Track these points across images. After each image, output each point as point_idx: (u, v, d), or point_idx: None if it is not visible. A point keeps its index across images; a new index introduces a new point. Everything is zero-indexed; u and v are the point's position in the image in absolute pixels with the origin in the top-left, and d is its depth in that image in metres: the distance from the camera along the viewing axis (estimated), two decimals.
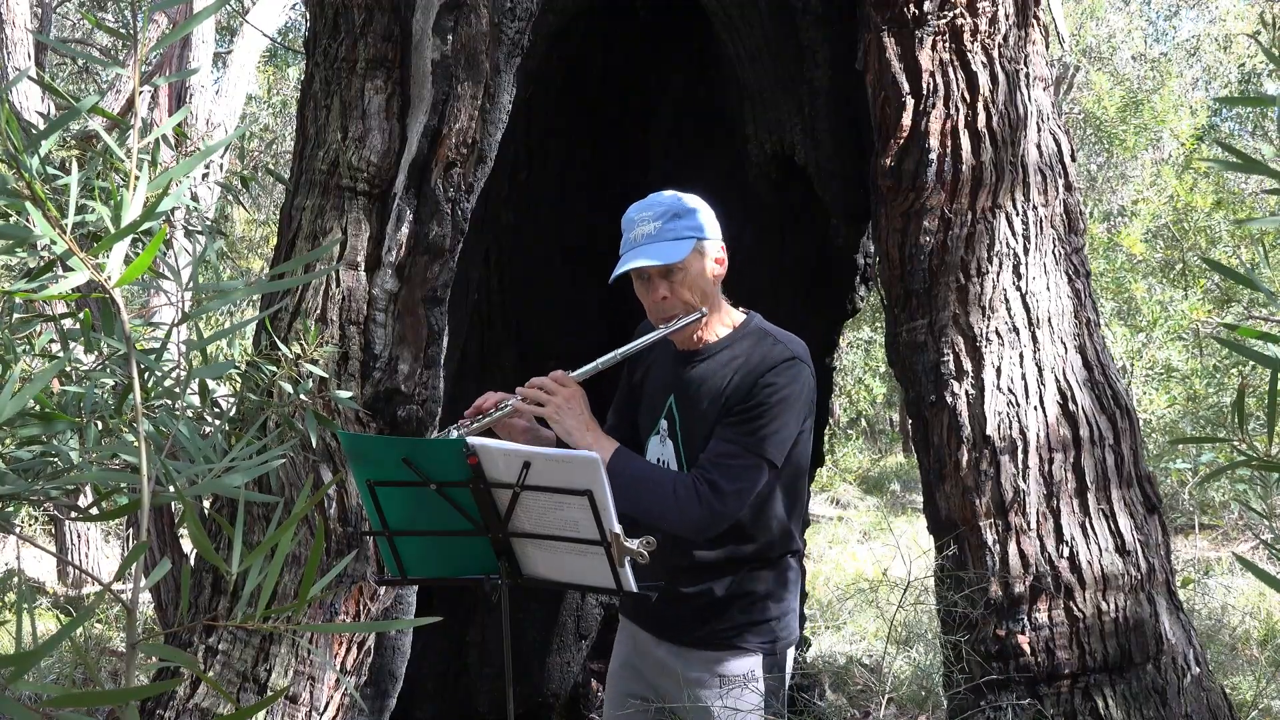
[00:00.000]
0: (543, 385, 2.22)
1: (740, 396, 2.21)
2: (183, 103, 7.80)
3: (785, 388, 2.20)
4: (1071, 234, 3.11)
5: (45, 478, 1.95)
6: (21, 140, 1.46)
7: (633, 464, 2.22)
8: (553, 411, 2.19)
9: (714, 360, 2.30)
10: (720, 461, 2.18)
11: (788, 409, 2.20)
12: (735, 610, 2.29)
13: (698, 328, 2.29)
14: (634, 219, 2.28)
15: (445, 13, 2.91)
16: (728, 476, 2.16)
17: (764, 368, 2.21)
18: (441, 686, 4.02)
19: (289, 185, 3.11)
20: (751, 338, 2.30)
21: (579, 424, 2.19)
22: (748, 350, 2.27)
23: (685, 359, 2.34)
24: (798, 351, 2.27)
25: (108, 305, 1.94)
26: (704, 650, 2.30)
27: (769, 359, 2.23)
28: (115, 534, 7.49)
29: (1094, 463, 2.90)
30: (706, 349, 2.32)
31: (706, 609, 2.30)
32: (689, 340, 2.33)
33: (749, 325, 2.34)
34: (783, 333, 2.33)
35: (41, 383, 1.26)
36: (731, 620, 2.29)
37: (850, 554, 7.72)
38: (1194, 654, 2.94)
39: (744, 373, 2.23)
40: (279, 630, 2.56)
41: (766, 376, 2.20)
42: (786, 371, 2.21)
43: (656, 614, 2.35)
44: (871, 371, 12.98)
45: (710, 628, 2.30)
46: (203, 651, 2.77)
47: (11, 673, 1.03)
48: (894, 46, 2.96)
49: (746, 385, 2.21)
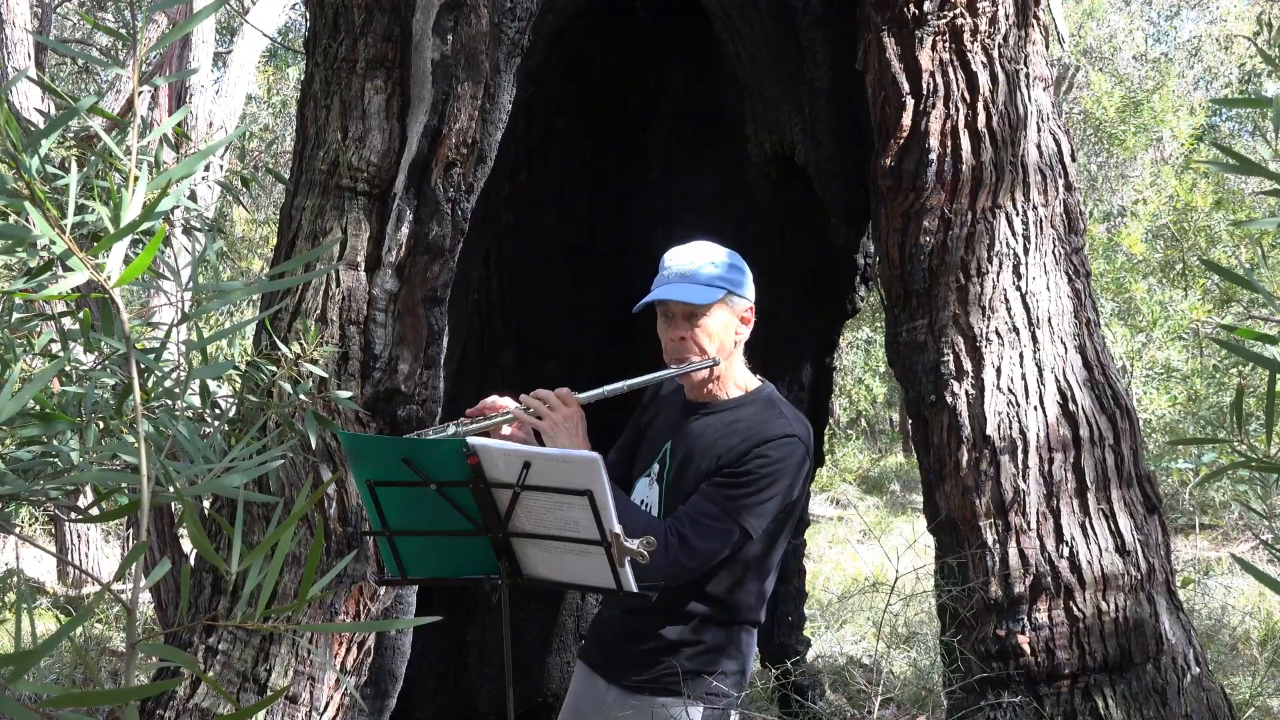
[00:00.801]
0: (545, 399, 2.21)
1: (732, 460, 2.21)
2: (183, 103, 7.80)
3: (778, 462, 2.20)
4: (1071, 234, 3.11)
5: (45, 478, 1.95)
6: (21, 140, 1.46)
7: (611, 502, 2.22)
8: (549, 426, 2.18)
9: (717, 418, 2.30)
10: (697, 518, 2.17)
11: (775, 484, 2.20)
12: (684, 657, 2.26)
13: (708, 378, 2.30)
14: (674, 255, 2.30)
15: (445, 13, 2.91)
16: (700, 534, 2.16)
17: (762, 438, 2.21)
18: (441, 686, 4.02)
19: (289, 185, 3.11)
20: (759, 405, 2.31)
21: (571, 444, 2.18)
22: (751, 416, 2.27)
23: (691, 410, 2.35)
24: (799, 430, 2.27)
25: (107, 305, 1.94)
26: (648, 696, 2.26)
27: (769, 430, 2.23)
28: (115, 534, 7.49)
29: (1094, 463, 2.90)
30: (714, 405, 2.32)
31: (657, 652, 2.27)
32: (699, 392, 2.33)
33: (760, 393, 2.35)
34: (790, 408, 2.34)
35: (41, 382, 1.26)
36: (680, 666, 2.26)
37: (850, 554, 7.72)
38: (1194, 654, 2.94)
39: (741, 437, 2.23)
40: (279, 630, 2.56)
41: (763, 447, 2.20)
42: (783, 446, 2.21)
43: (609, 655, 2.35)
44: (871, 371, 12.98)
45: (657, 670, 2.26)
46: (203, 651, 2.77)
47: (11, 672, 1.03)
48: (894, 46, 2.96)
49: (740, 450, 2.21)
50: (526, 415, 2.22)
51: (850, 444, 12.67)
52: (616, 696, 2.32)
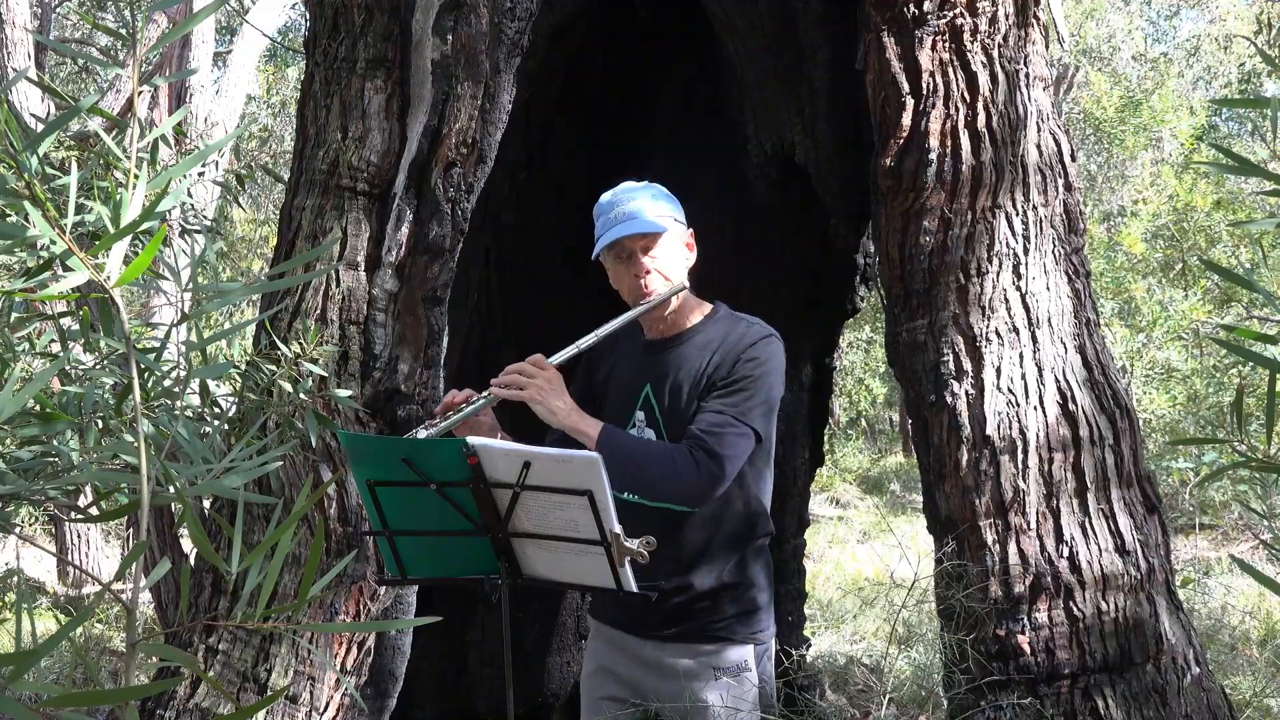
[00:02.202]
0: (521, 370, 2.24)
1: (724, 373, 2.26)
2: (182, 102, 7.80)
3: (767, 361, 2.27)
4: (1071, 234, 3.11)
5: (45, 477, 1.95)
6: (20, 140, 1.46)
7: (625, 438, 2.25)
8: (535, 394, 2.19)
9: (690, 344, 2.34)
10: (712, 430, 2.20)
11: (770, 381, 2.27)
12: (725, 601, 2.31)
13: (668, 311, 2.34)
14: (609, 202, 2.35)
15: (445, 13, 2.91)
16: (722, 443, 2.19)
17: (744, 344, 2.28)
18: (441, 686, 4.02)
19: (289, 185, 3.11)
20: (724, 322, 2.37)
21: (564, 404, 2.21)
22: (723, 333, 2.33)
23: (659, 347, 2.38)
24: (771, 330, 2.34)
25: (107, 305, 1.93)
26: (694, 643, 2.31)
27: (748, 336, 2.30)
28: (115, 534, 7.49)
29: (1094, 463, 2.90)
30: (681, 335, 2.36)
31: (693, 602, 2.31)
32: (662, 326, 2.37)
33: (718, 312, 2.41)
34: (751, 317, 2.39)
35: (41, 382, 1.26)
36: (722, 612, 2.31)
37: (850, 554, 7.73)
38: (1194, 654, 2.94)
39: (724, 351, 2.28)
40: (279, 630, 2.56)
41: (749, 351, 2.26)
42: (766, 347, 2.28)
43: (636, 612, 2.34)
44: (871, 371, 12.99)
45: (700, 621, 2.31)
46: (203, 651, 2.77)
47: (11, 672, 1.03)
48: (894, 46, 2.96)
49: (729, 362, 2.26)
50: (508, 392, 2.21)
51: (850, 444, 12.67)
52: (655, 647, 2.34)
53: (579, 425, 2.19)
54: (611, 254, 2.33)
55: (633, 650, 2.38)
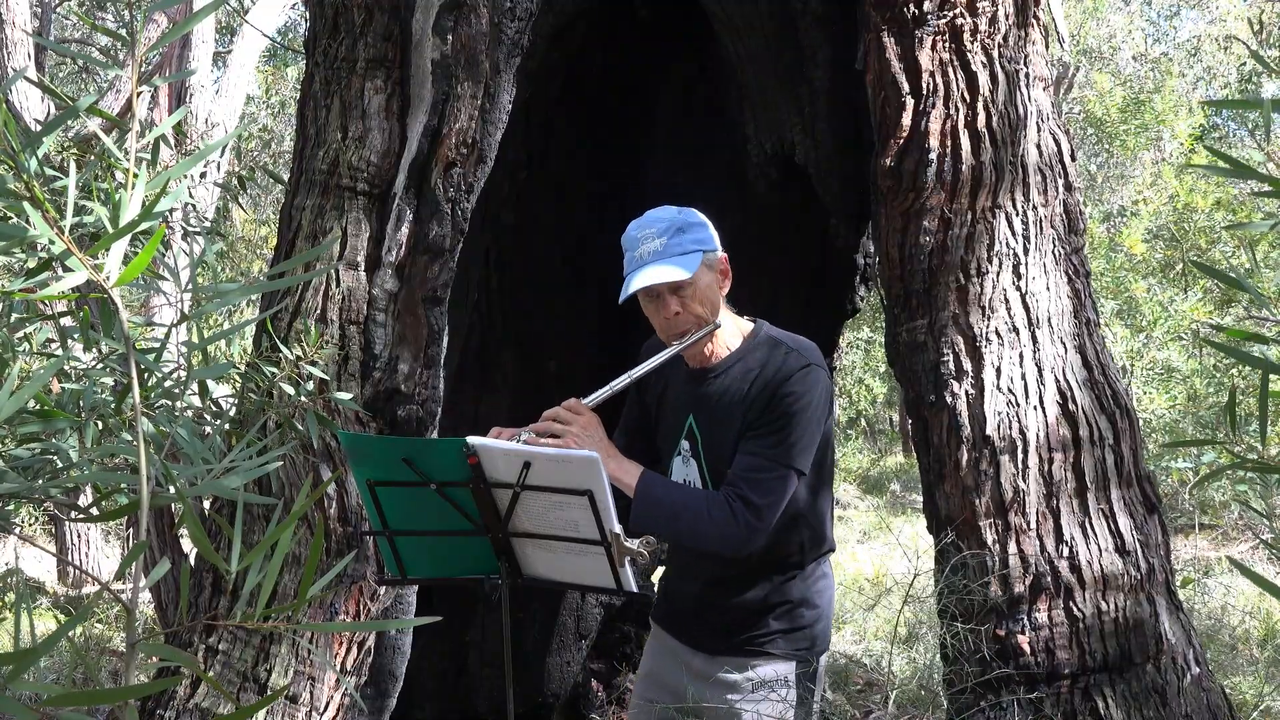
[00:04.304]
0: (556, 415, 2.16)
1: (760, 409, 2.20)
2: (182, 102, 7.80)
3: (805, 395, 2.19)
4: (1071, 234, 3.10)
5: (45, 477, 1.95)
6: (20, 141, 1.46)
7: (662, 487, 2.21)
8: (572, 441, 2.13)
9: (729, 374, 2.29)
10: (749, 476, 2.16)
11: (809, 416, 2.19)
12: (770, 617, 2.30)
13: (710, 341, 2.28)
14: (636, 236, 2.24)
15: (445, 13, 2.91)
16: (758, 490, 2.15)
17: (781, 378, 2.20)
18: (441, 686, 4.02)
19: (289, 185, 3.11)
20: (764, 347, 2.29)
21: (601, 451, 2.13)
22: (762, 361, 2.26)
23: (699, 376, 2.33)
24: (811, 357, 2.26)
25: (106, 305, 1.93)
26: (737, 656, 2.30)
27: (785, 369, 2.22)
28: (115, 534, 7.49)
29: (1094, 463, 2.90)
30: (720, 364, 2.31)
31: (743, 618, 2.30)
32: (701, 356, 2.31)
33: (759, 334, 2.33)
34: (793, 338, 2.31)
35: (41, 381, 1.25)
36: (766, 627, 2.30)
37: (850, 554, 7.72)
38: (1194, 654, 2.94)
39: (761, 384, 2.22)
40: (279, 630, 2.56)
41: (785, 386, 2.19)
42: (804, 380, 2.20)
43: (692, 625, 2.37)
44: (871, 371, 12.98)
45: (745, 635, 2.30)
46: (203, 651, 2.77)
47: (11, 672, 1.03)
48: (894, 46, 2.96)
49: (765, 397, 2.20)
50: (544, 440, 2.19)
51: (850, 444, 12.67)
52: (705, 660, 2.34)
53: (616, 473, 2.13)
54: (641, 292, 2.25)
55: (684, 659, 2.39)
